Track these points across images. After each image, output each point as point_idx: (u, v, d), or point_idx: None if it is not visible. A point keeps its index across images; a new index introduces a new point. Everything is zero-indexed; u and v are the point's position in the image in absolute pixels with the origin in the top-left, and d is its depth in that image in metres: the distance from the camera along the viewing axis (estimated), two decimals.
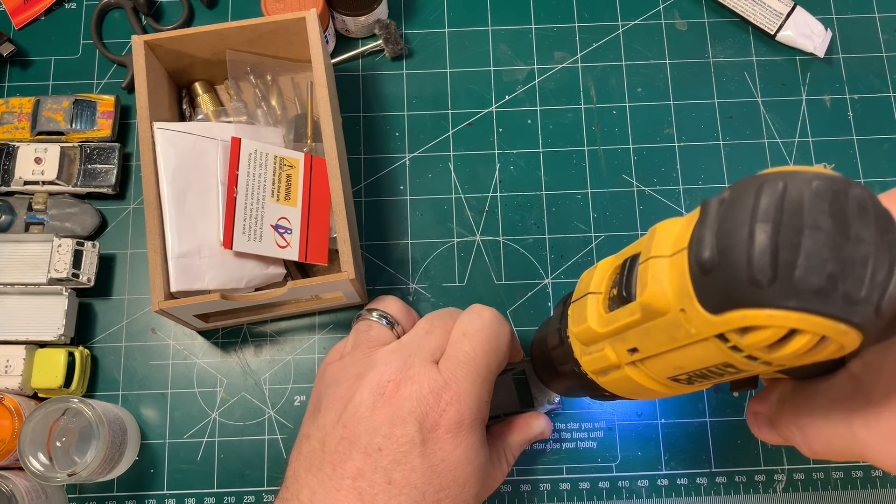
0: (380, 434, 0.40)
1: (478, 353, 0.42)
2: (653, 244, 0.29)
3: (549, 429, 0.50)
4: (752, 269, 0.23)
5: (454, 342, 0.43)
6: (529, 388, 0.50)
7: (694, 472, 0.54)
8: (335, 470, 0.39)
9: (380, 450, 0.39)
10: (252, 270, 0.53)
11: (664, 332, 0.29)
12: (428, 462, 0.39)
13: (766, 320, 0.23)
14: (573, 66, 0.63)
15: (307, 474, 0.40)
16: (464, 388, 0.41)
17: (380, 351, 0.44)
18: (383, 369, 0.42)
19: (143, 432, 0.55)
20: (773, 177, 0.24)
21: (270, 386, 0.56)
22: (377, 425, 0.40)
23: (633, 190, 0.60)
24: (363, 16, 0.61)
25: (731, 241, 0.24)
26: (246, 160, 0.52)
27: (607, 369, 0.35)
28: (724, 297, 0.24)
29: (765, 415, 0.36)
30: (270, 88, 0.59)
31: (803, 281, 0.22)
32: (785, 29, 0.62)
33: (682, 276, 0.26)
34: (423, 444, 0.39)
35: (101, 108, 0.59)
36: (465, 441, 0.40)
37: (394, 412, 0.40)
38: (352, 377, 0.43)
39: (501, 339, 0.44)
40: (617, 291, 0.32)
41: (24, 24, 0.64)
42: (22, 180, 0.57)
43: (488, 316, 0.44)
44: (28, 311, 0.55)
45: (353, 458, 0.39)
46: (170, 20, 0.64)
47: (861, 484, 0.54)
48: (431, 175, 0.60)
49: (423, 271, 0.58)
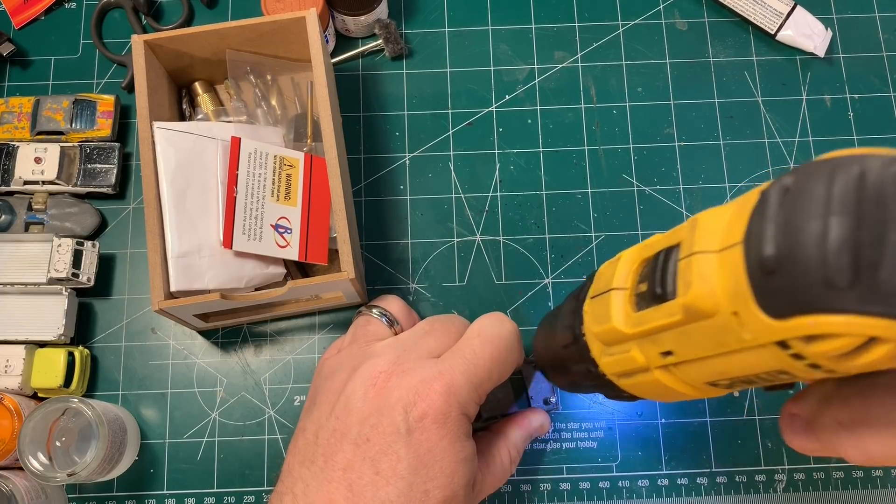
0: (368, 424, 0.40)
1: (485, 355, 0.42)
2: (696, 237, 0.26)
3: (547, 423, 0.50)
4: (826, 270, 0.20)
5: (466, 339, 0.43)
6: (526, 390, 0.50)
7: (694, 472, 0.54)
8: (327, 462, 0.40)
9: (368, 440, 0.39)
10: (252, 270, 0.53)
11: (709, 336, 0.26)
12: (414, 452, 0.39)
13: (844, 328, 0.20)
14: (573, 66, 0.63)
15: (301, 467, 0.41)
16: (457, 380, 0.40)
17: (376, 345, 0.45)
18: (377, 361, 0.42)
19: (143, 432, 0.55)
20: (845, 161, 0.21)
21: (270, 386, 0.56)
22: (366, 416, 0.40)
23: (633, 190, 0.60)
24: (363, 15, 0.61)
25: (799, 236, 0.21)
26: (246, 160, 0.52)
27: (632, 372, 0.32)
28: (790, 301, 0.21)
29: (803, 417, 0.32)
30: (270, 88, 0.59)
31: (888, 283, 0.19)
32: (785, 28, 0.62)
33: (736, 275, 0.23)
34: (408, 434, 0.39)
35: (101, 107, 0.59)
36: (452, 432, 0.40)
37: (382, 402, 0.40)
38: (347, 370, 0.43)
39: (512, 355, 0.43)
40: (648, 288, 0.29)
41: (24, 24, 0.64)
42: (22, 180, 0.57)
43: (509, 328, 0.44)
44: (28, 311, 0.55)
45: (343, 449, 0.40)
46: (170, 20, 0.64)
47: (861, 484, 0.54)
48: (431, 175, 0.60)
49: (423, 271, 0.58)
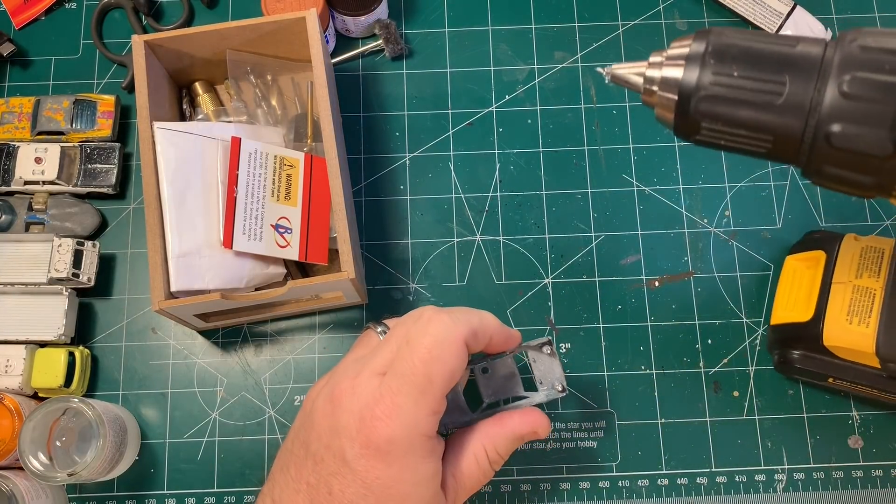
0: (323, 443, 0.40)
1: (417, 364, 0.39)
2: None
3: (544, 427, 0.45)
4: None
5: (398, 352, 0.40)
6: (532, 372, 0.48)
7: (694, 472, 0.54)
8: (298, 472, 0.41)
9: (323, 460, 0.40)
10: (252, 270, 0.53)
11: None
12: (360, 479, 0.39)
13: None
14: (573, 66, 0.63)
15: (279, 473, 0.42)
16: (399, 402, 0.38)
17: (348, 358, 0.44)
18: (340, 378, 0.41)
19: (143, 432, 0.55)
20: None
21: (270, 386, 0.56)
22: (322, 433, 0.40)
23: (633, 190, 0.60)
24: (363, 16, 0.61)
25: None
26: (246, 160, 0.52)
27: None
28: None
29: None
30: (270, 88, 0.59)
31: None
32: (785, 29, 0.62)
33: None
34: (354, 460, 0.39)
35: (102, 107, 0.59)
36: (399, 458, 0.39)
37: (335, 422, 0.40)
38: (326, 380, 0.43)
39: (448, 347, 0.39)
40: None
41: (25, 24, 0.64)
42: (22, 180, 0.57)
43: (434, 323, 0.40)
44: (28, 311, 0.55)
45: (306, 464, 0.40)
46: (170, 20, 0.64)
47: (861, 484, 0.54)
48: (431, 175, 0.60)
49: (423, 271, 0.58)
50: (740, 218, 0.59)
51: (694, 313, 0.57)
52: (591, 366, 0.56)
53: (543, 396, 0.48)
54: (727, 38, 0.36)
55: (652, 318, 0.57)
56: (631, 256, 0.59)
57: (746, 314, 0.57)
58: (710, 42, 0.36)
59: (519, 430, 0.44)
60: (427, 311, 0.41)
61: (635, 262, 0.58)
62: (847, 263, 0.50)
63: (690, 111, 0.37)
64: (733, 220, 0.59)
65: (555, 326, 0.57)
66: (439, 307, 0.42)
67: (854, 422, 0.55)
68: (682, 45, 0.37)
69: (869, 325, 0.48)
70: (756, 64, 0.35)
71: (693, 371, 0.56)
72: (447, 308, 0.42)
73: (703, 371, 0.56)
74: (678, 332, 0.57)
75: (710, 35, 0.37)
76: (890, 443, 0.55)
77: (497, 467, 0.44)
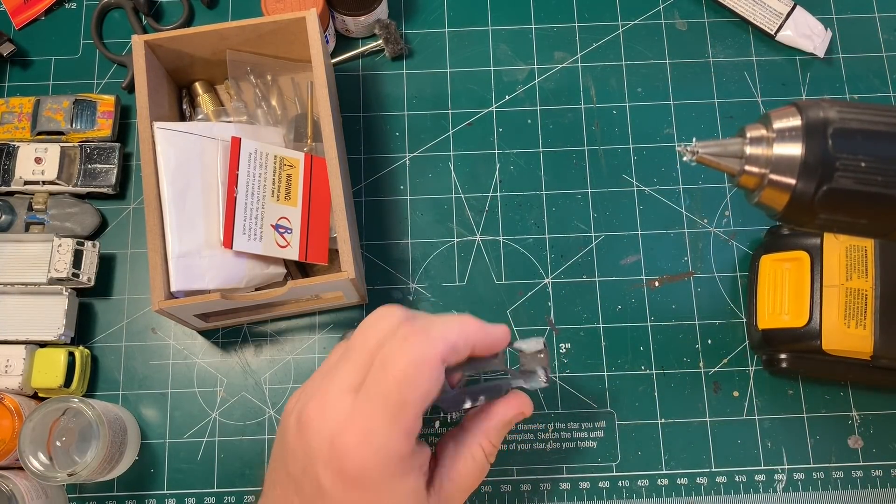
0: (299, 467, 0.39)
1: (391, 386, 0.37)
2: None
3: (528, 405, 0.45)
4: None
5: (372, 371, 0.39)
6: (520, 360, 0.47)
7: (694, 472, 0.54)
8: (284, 492, 0.41)
9: (302, 486, 0.39)
10: (252, 270, 0.53)
11: None
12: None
13: None
14: (573, 66, 0.63)
15: (269, 489, 0.42)
16: (371, 427, 0.37)
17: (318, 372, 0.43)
18: (309, 395, 0.40)
19: (143, 432, 0.55)
20: None
21: (270, 386, 0.56)
22: (298, 457, 0.39)
23: (633, 190, 0.60)
24: (363, 16, 0.61)
25: None
26: (246, 160, 0.52)
27: None
28: None
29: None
30: (270, 88, 0.59)
31: None
32: (785, 29, 0.62)
33: None
34: (331, 488, 0.38)
35: (102, 107, 0.59)
36: (377, 484, 0.38)
37: (306, 447, 0.39)
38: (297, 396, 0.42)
39: (425, 370, 0.38)
40: None
41: (25, 24, 0.64)
42: (22, 180, 0.57)
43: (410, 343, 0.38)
44: (28, 311, 0.55)
45: (289, 486, 0.40)
46: (170, 20, 0.64)
47: (861, 484, 0.54)
48: (431, 175, 0.60)
49: (423, 271, 0.58)
50: (740, 218, 0.59)
51: (694, 313, 0.57)
52: (591, 366, 0.56)
53: (523, 381, 0.46)
54: (844, 114, 0.32)
55: (652, 318, 0.57)
56: (631, 256, 0.59)
57: (746, 314, 0.57)
58: (828, 122, 0.32)
59: (506, 416, 0.44)
60: (402, 327, 0.39)
61: (635, 263, 0.58)
62: (835, 265, 0.51)
63: (815, 201, 0.32)
64: (733, 221, 0.59)
65: (555, 326, 0.57)
66: (410, 312, 0.40)
67: (854, 422, 0.55)
68: (787, 119, 0.32)
69: (866, 328, 0.49)
70: (887, 150, 0.31)
71: (693, 371, 0.56)
72: (421, 316, 0.41)
73: (703, 371, 0.56)
74: (678, 333, 0.57)
75: (819, 109, 0.32)
76: (890, 443, 0.55)
77: (492, 459, 0.45)
